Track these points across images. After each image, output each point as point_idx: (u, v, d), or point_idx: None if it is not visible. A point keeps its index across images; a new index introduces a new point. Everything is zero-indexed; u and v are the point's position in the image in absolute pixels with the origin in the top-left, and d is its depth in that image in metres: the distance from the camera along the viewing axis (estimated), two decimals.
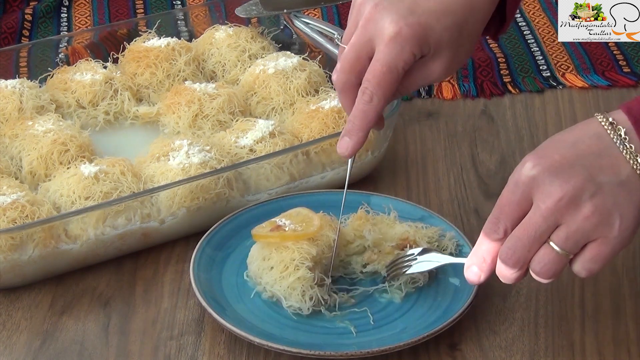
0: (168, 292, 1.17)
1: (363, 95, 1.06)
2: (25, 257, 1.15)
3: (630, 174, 0.94)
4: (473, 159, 1.38)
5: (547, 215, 0.94)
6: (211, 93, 1.36)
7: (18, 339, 1.11)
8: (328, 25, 1.51)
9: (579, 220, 0.94)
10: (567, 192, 0.93)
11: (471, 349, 1.10)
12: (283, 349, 1.06)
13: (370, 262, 1.16)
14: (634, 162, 0.94)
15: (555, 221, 0.95)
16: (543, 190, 0.94)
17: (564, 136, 0.97)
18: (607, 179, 0.94)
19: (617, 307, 1.15)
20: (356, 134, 1.07)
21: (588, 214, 0.94)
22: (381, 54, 1.05)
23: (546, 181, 0.94)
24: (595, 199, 0.94)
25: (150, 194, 1.20)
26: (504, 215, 0.97)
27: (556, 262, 0.96)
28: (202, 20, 1.56)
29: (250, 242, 1.17)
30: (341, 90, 1.09)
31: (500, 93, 1.52)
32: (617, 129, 0.95)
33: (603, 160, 0.95)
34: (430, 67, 1.08)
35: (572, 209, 0.94)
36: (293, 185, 1.28)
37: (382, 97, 1.06)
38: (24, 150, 1.27)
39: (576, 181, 0.93)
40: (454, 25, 1.06)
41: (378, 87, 1.05)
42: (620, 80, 1.53)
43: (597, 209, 0.94)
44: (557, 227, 0.95)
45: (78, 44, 1.49)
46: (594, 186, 0.94)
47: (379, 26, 1.05)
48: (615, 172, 0.94)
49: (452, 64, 1.08)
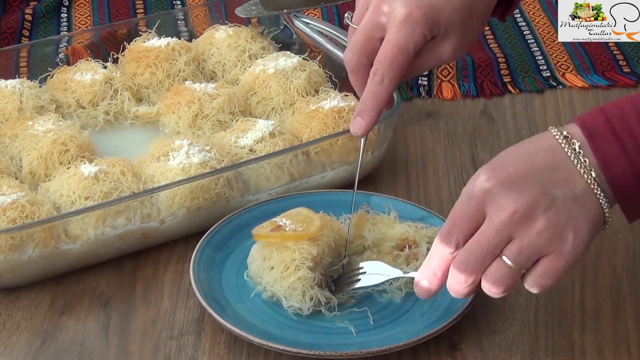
0: (168, 292, 1.17)
1: (374, 76, 1.08)
2: (25, 257, 1.15)
3: (584, 188, 0.93)
4: (473, 159, 1.38)
5: (500, 229, 0.93)
6: (211, 93, 1.36)
7: (18, 339, 1.11)
8: (328, 25, 1.51)
9: (532, 234, 0.93)
10: (521, 205, 0.92)
11: (471, 349, 1.10)
12: (283, 349, 1.06)
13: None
14: (588, 176, 0.93)
15: (509, 235, 0.93)
16: (497, 204, 0.93)
17: (520, 149, 0.96)
18: (561, 193, 0.93)
19: (617, 307, 1.15)
20: (368, 114, 1.09)
21: (541, 229, 0.92)
22: (392, 36, 1.06)
23: (500, 194, 0.93)
24: (548, 213, 0.92)
25: (150, 194, 1.20)
26: (456, 228, 0.95)
27: (508, 277, 0.94)
28: (202, 20, 1.56)
29: (250, 242, 1.17)
30: (352, 70, 1.11)
31: (500, 93, 1.52)
32: (572, 142, 0.94)
33: (557, 174, 0.93)
34: (440, 48, 1.09)
35: (526, 223, 0.92)
36: (293, 185, 1.28)
37: (393, 78, 1.07)
38: (24, 150, 1.27)
39: (530, 195, 0.92)
40: (463, 6, 1.07)
41: (389, 68, 1.07)
42: (620, 80, 1.53)
43: (550, 223, 0.92)
44: (510, 241, 0.94)
45: (78, 44, 1.49)
46: (548, 200, 0.92)
47: (390, 8, 1.07)
48: (570, 186, 0.93)
49: (462, 44, 1.10)
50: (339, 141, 1.29)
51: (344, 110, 1.31)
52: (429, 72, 1.54)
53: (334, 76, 1.43)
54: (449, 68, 1.55)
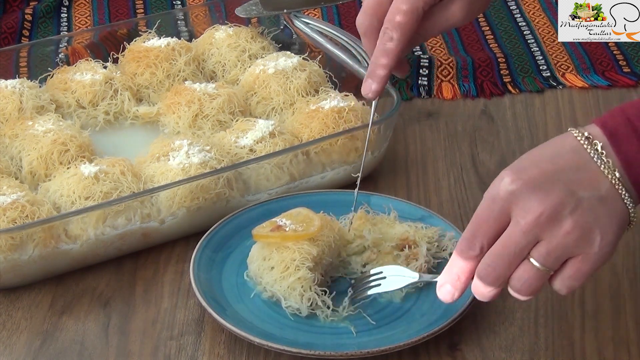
0: (168, 292, 1.17)
1: (384, 35, 1.09)
2: (25, 257, 1.15)
3: (609, 188, 0.92)
4: (473, 159, 1.38)
5: (527, 231, 0.92)
6: (211, 93, 1.36)
7: (18, 339, 1.11)
8: (328, 25, 1.51)
9: (559, 236, 0.92)
10: (548, 207, 0.91)
11: (471, 349, 1.10)
12: (283, 349, 1.06)
13: (369, 262, 1.16)
14: (612, 177, 0.92)
15: (535, 237, 0.92)
16: (523, 206, 0.92)
17: (542, 151, 0.95)
18: (587, 194, 0.92)
19: (617, 307, 1.15)
20: (378, 75, 1.10)
21: (569, 230, 0.91)
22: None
23: (526, 196, 0.92)
24: (575, 214, 0.91)
25: (150, 194, 1.20)
26: (481, 231, 0.94)
27: (536, 279, 0.94)
28: (202, 20, 1.56)
29: (250, 242, 1.16)
30: (364, 33, 1.12)
31: (500, 93, 1.51)
32: (594, 143, 0.93)
33: (582, 175, 0.93)
34: (450, 10, 1.10)
35: (553, 224, 0.92)
36: (293, 185, 1.28)
37: (403, 37, 1.08)
38: (24, 150, 1.27)
39: (556, 196, 0.91)
40: None
41: (398, 28, 1.08)
42: (620, 80, 1.53)
43: (577, 224, 0.91)
44: (537, 243, 0.93)
45: (78, 44, 1.49)
46: (574, 201, 0.92)
47: None
48: (595, 187, 0.92)
49: (472, 7, 1.10)
50: (339, 141, 1.29)
51: (344, 110, 1.31)
52: (429, 72, 1.54)
53: (334, 76, 1.43)
54: (449, 68, 1.55)
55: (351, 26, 1.61)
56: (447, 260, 1.16)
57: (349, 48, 1.45)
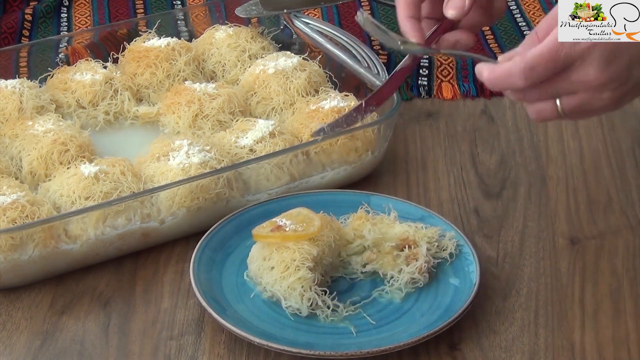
0: (168, 292, 1.17)
1: None
2: (25, 257, 1.15)
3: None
4: (473, 159, 1.38)
5: (574, 83, 0.99)
6: (211, 93, 1.36)
7: (18, 339, 1.11)
8: (328, 25, 1.51)
9: (595, 100, 1.00)
10: (603, 78, 0.99)
11: (471, 349, 1.10)
12: (283, 349, 1.06)
13: (369, 262, 1.16)
14: None
15: (575, 91, 1.00)
16: (583, 67, 0.99)
17: None
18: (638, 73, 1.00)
19: (617, 307, 1.15)
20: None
21: (607, 101, 1.00)
22: None
23: (593, 60, 0.99)
24: (617, 92, 1.00)
25: (150, 194, 1.20)
26: (540, 68, 1.00)
27: (551, 116, 1.03)
28: (202, 20, 1.56)
29: (250, 242, 1.17)
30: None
31: (500, 93, 1.51)
32: None
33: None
34: None
35: (597, 92, 1.00)
36: (293, 185, 1.28)
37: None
38: (24, 150, 1.27)
39: (615, 70, 0.99)
40: None
41: None
42: None
43: (613, 100, 1.00)
44: (570, 94, 1.01)
45: (78, 44, 1.49)
46: (625, 78, 1.00)
47: None
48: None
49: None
50: (339, 141, 1.29)
51: (344, 110, 1.31)
52: (428, 72, 1.54)
53: (334, 76, 1.43)
54: (448, 68, 1.55)
55: (351, 26, 1.61)
56: (447, 260, 1.17)
57: (349, 48, 1.45)
